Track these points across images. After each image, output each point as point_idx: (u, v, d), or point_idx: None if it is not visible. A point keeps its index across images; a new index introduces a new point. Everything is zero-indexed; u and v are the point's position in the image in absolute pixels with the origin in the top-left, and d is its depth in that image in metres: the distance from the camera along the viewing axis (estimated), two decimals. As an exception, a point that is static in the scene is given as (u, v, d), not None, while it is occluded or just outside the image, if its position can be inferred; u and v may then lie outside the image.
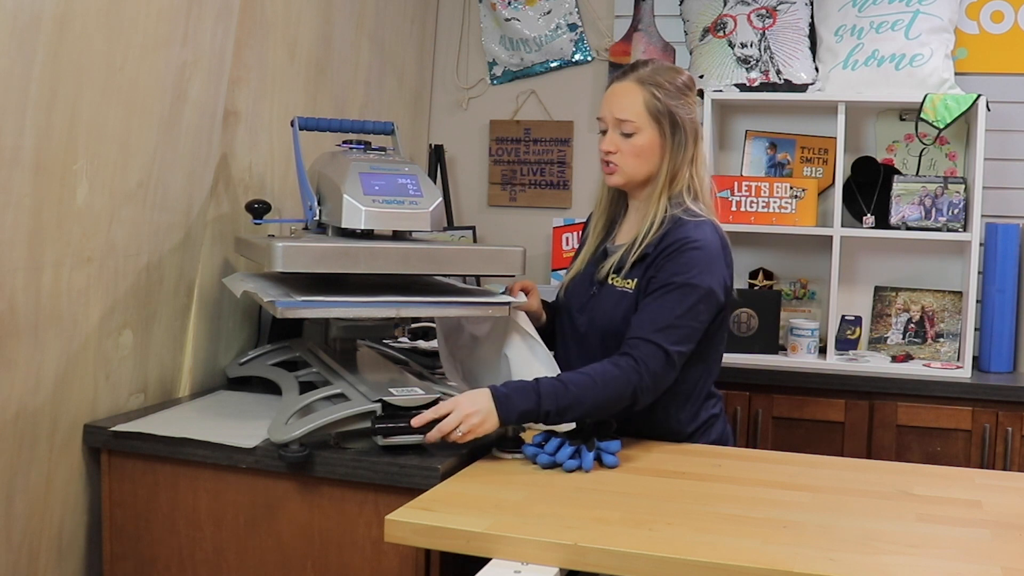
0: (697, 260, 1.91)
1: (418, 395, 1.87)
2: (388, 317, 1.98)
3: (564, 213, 3.44)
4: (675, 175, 2.00)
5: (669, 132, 1.98)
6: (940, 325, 3.04)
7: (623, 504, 1.60)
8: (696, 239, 1.92)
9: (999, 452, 2.68)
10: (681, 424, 2.01)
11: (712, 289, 1.91)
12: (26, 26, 1.71)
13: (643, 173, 2.01)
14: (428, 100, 3.57)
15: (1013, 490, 1.74)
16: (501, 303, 1.96)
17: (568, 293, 2.13)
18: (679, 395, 1.98)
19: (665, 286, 1.90)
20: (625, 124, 1.98)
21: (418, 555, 1.75)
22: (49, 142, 1.80)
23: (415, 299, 1.91)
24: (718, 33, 3.09)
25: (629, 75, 2.02)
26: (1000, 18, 3.03)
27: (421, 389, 1.91)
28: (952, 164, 3.07)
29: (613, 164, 2.01)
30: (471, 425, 1.76)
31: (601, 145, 2.03)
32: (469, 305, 1.96)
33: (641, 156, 1.99)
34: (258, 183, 2.50)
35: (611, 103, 2.01)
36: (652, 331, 1.87)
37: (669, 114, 1.97)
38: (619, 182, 2.03)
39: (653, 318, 1.89)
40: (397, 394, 1.85)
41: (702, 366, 2.00)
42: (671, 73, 2.01)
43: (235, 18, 2.29)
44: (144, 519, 1.96)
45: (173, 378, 2.27)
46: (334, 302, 1.86)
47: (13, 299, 1.78)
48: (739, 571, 1.35)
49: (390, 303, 1.90)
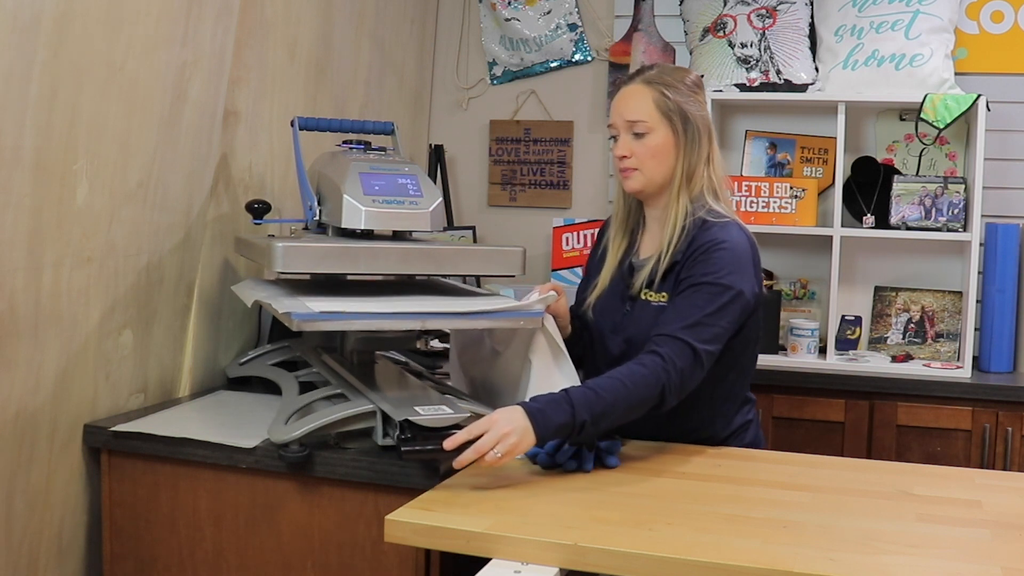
0: (726, 261, 1.86)
1: (446, 414, 1.75)
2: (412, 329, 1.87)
3: (564, 213, 3.44)
4: (692, 174, 1.95)
5: (682, 129, 1.94)
6: (940, 325, 3.04)
7: (623, 504, 1.60)
8: (724, 240, 1.88)
9: (999, 452, 2.68)
10: (716, 430, 1.98)
11: (742, 291, 1.86)
12: (26, 26, 1.71)
13: (660, 174, 1.95)
14: (428, 100, 3.57)
15: (1013, 490, 1.74)
16: (533, 314, 1.85)
17: (598, 312, 2.05)
18: (715, 400, 1.95)
19: (693, 285, 1.86)
20: (637, 125, 1.94)
21: (418, 555, 1.75)
22: (49, 142, 1.80)
23: (442, 310, 1.81)
24: (718, 33, 3.09)
25: (636, 78, 2.00)
26: (1000, 18, 3.03)
27: (448, 407, 1.79)
28: (952, 164, 3.07)
29: (629, 168, 1.96)
30: (509, 446, 1.62)
31: (615, 151, 1.98)
32: (500, 317, 1.84)
33: (657, 156, 1.94)
34: (258, 183, 2.50)
35: (620, 107, 1.98)
36: (679, 328, 1.81)
37: (680, 111, 1.94)
38: (637, 187, 1.97)
39: (681, 315, 1.83)
40: (423, 413, 1.74)
41: (737, 370, 1.97)
42: (679, 72, 2.00)
43: (235, 18, 2.29)
44: (144, 519, 1.96)
45: (173, 378, 2.27)
46: (355, 314, 1.74)
47: (13, 299, 1.78)
48: (739, 571, 1.35)
49: (415, 315, 1.78)
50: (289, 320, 1.71)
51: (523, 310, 1.86)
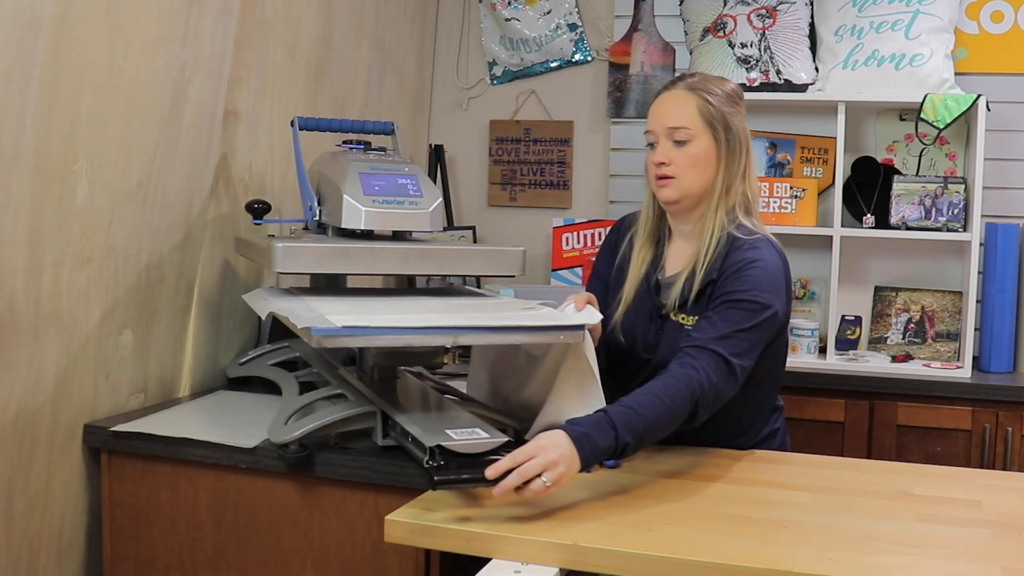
0: (760, 280, 1.81)
1: (481, 439, 1.61)
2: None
3: (564, 213, 3.44)
4: (729, 187, 1.89)
5: (724, 139, 1.88)
6: (940, 325, 3.04)
7: (623, 504, 1.60)
8: (757, 260, 1.83)
9: (999, 452, 2.68)
10: (742, 442, 1.96)
11: (776, 311, 1.82)
12: (26, 26, 1.71)
13: (699, 185, 1.88)
14: (428, 100, 3.57)
15: (1013, 490, 1.74)
16: (575, 328, 1.69)
17: (626, 330, 1.96)
18: (744, 415, 1.94)
19: (728, 301, 1.80)
20: (679, 131, 1.87)
21: (418, 555, 1.75)
22: (49, 142, 1.80)
23: (476, 324, 1.66)
24: (718, 33, 3.09)
25: (677, 84, 1.93)
26: (1000, 18, 3.03)
27: (482, 430, 1.65)
28: (952, 164, 3.07)
29: (668, 176, 1.88)
30: (557, 475, 1.50)
31: (652, 158, 1.90)
32: (538, 331, 1.69)
33: (698, 166, 1.87)
34: (258, 183, 2.49)
35: (661, 112, 1.91)
36: (712, 340, 1.75)
37: (723, 120, 1.88)
38: (674, 196, 1.89)
39: (714, 328, 1.77)
40: (457, 438, 1.60)
41: (768, 383, 1.95)
42: (720, 81, 1.93)
43: (235, 18, 2.29)
44: (144, 519, 1.96)
45: (173, 378, 2.27)
46: (381, 329, 1.58)
47: (13, 299, 1.78)
48: (739, 571, 1.35)
49: (447, 329, 1.62)
50: (309, 336, 1.55)
51: (564, 324, 1.71)
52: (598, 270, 2.11)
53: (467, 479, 1.53)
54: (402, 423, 1.73)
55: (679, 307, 1.89)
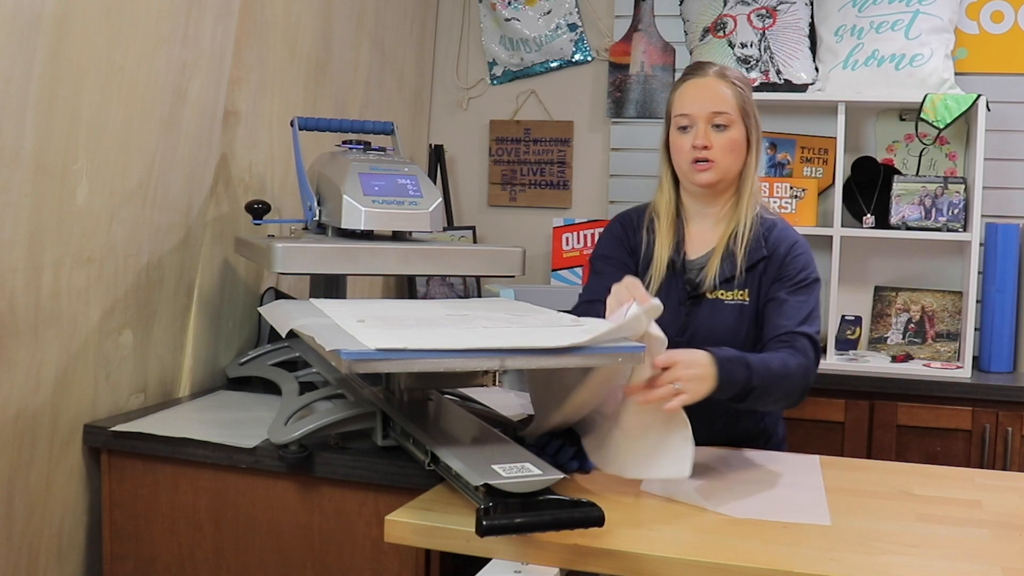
0: (810, 258, 1.95)
1: (533, 476, 1.44)
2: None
3: (564, 213, 3.44)
4: (750, 175, 1.98)
5: (754, 128, 1.97)
6: (940, 325, 3.04)
7: (623, 504, 1.60)
8: (798, 239, 1.96)
9: (999, 452, 2.68)
10: (760, 443, 2.01)
11: (819, 280, 1.96)
12: (26, 26, 1.71)
13: (735, 169, 1.96)
14: (428, 100, 3.57)
15: (1013, 490, 1.74)
16: (633, 349, 1.50)
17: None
18: (775, 415, 2.03)
19: (798, 283, 1.91)
20: (720, 116, 1.92)
21: (418, 555, 1.75)
22: (49, 142, 1.80)
23: (524, 346, 1.44)
24: (718, 33, 3.09)
25: (707, 71, 1.96)
26: (1000, 18, 3.03)
27: (533, 465, 1.49)
28: (952, 164, 3.07)
29: (708, 160, 1.92)
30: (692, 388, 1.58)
31: (693, 141, 1.92)
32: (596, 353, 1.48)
33: (735, 151, 1.94)
34: (258, 183, 2.50)
35: (701, 97, 1.93)
36: (800, 323, 1.85)
37: (753, 111, 1.97)
38: (712, 179, 1.94)
39: (797, 311, 1.87)
40: (506, 476, 1.43)
41: None
42: (741, 73, 2.02)
43: (235, 18, 2.29)
44: (144, 519, 1.96)
45: (173, 378, 2.27)
46: (420, 352, 1.39)
47: (13, 299, 1.78)
48: (739, 571, 1.35)
49: (492, 352, 1.42)
50: (338, 360, 1.37)
51: (624, 345, 1.51)
52: (605, 251, 2.04)
53: (519, 524, 1.37)
54: (443, 457, 1.56)
55: (721, 284, 1.95)
